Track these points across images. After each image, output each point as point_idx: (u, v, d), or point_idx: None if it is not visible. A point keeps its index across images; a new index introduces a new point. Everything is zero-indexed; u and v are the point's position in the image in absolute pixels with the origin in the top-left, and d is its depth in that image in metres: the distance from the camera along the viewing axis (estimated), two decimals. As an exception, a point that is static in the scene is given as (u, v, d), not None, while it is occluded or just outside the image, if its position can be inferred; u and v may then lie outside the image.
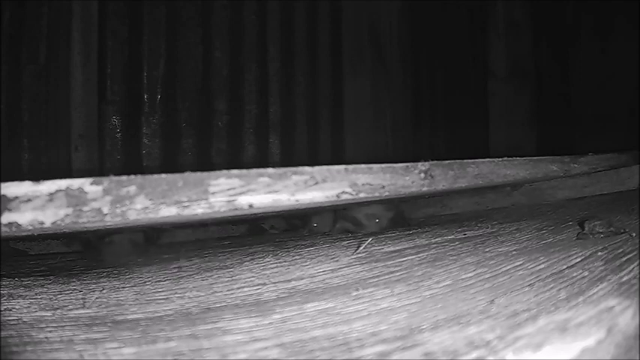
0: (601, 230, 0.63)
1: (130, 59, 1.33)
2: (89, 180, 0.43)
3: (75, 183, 0.42)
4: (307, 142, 1.49)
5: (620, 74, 1.56)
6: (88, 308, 0.53)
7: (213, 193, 0.47)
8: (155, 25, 1.35)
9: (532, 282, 0.47)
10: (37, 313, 0.51)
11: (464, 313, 0.40)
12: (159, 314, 0.49)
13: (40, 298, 0.58)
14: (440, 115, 1.63)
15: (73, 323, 0.47)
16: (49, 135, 1.25)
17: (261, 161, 1.42)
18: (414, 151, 1.57)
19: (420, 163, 0.58)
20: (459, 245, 0.69)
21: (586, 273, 0.47)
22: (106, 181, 0.43)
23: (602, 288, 0.41)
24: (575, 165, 0.79)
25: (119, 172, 0.44)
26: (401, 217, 0.97)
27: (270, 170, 0.49)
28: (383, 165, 0.55)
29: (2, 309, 0.52)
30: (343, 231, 0.93)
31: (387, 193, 0.55)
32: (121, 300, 0.56)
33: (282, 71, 1.47)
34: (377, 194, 0.55)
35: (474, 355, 0.32)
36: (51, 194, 0.41)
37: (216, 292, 0.57)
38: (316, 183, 0.51)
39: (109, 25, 1.31)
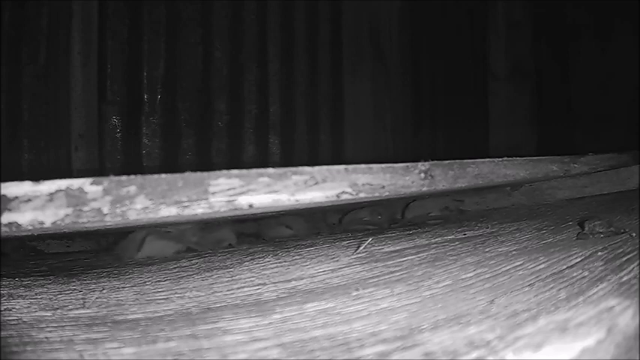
0: (601, 230, 0.63)
1: (130, 59, 1.33)
2: (89, 180, 0.43)
3: (75, 183, 0.42)
4: (307, 142, 1.49)
5: (620, 74, 1.56)
6: (88, 308, 0.53)
7: (213, 193, 0.47)
8: (155, 25, 1.35)
9: (532, 282, 0.47)
10: (37, 313, 0.51)
11: (464, 313, 0.40)
12: (159, 314, 0.49)
13: (40, 298, 0.58)
14: (440, 115, 1.63)
15: (73, 323, 0.47)
16: (49, 135, 1.25)
17: (261, 161, 1.42)
18: (413, 151, 1.57)
19: (420, 163, 0.58)
20: (459, 245, 0.69)
21: (586, 273, 0.47)
22: (106, 181, 0.43)
23: (602, 288, 0.41)
24: (575, 165, 0.79)
25: (119, 172, 0.44)
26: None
27: (270, 170, 0.49)
28: (383, 165, 0.55)
29: (2, 309, 0.52)
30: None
31: (387, 193, 0.55)
32: (121, 300, 0.56)
33: (282, 71, 1.47)
34: (377, 194, 0.55)
35: (474, 355, 0.32)
36: (51, 194, 0.41)
37: (216, 292, 0.57)
38: (316, 183, 0.51)
39: (109, 25, 1.31)
